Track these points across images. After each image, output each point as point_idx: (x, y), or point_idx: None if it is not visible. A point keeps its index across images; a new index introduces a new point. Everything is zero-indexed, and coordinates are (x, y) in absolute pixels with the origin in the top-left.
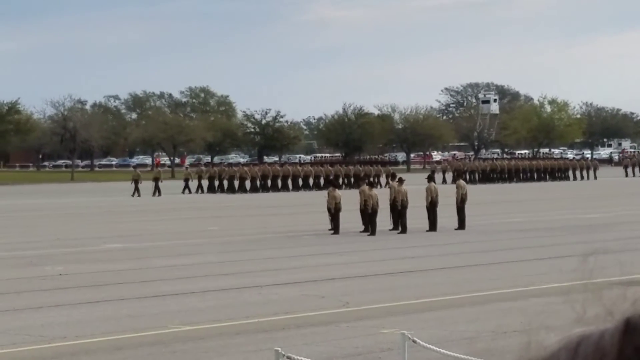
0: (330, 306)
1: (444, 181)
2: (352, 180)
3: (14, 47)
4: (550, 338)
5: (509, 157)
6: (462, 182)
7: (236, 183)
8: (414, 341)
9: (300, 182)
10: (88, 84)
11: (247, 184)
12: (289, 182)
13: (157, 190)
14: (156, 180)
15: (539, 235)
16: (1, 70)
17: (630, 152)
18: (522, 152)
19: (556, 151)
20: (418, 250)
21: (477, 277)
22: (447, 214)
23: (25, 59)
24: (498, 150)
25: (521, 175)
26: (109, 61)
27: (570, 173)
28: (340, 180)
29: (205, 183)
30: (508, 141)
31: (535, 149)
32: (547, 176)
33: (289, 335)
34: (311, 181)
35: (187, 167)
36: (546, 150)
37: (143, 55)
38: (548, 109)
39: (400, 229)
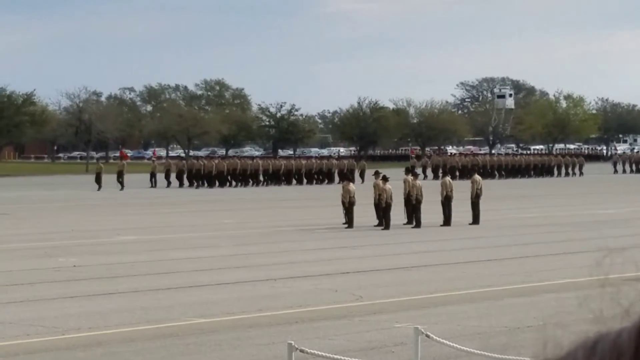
0: (343, 300)
1: (425, 176)
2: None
3: (30, 38)
4: (567, 337)
5: (495, 153)
6: (477, 176)
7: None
8: (427, 335)
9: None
10: (103, 75)
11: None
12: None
13: (120, 184)
14: (120, 174)
15: (552, 231)
16: (17, 62)
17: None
18: (537, 147)
19: (571, 146)
20: (432, 245)
21: (491, 272)
22: (461, 209)
23: (41, 51)
24: (513, 145)
25: (503, 171)
26: (124, 53)
27: (555, 170)
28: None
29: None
30: (523, 136)
31: (550, 144)
32: (532, 172)
33: (302, 328)
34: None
35: (153, 160)
36: (561, 145)
37: (158, 47)
38: (563, 104)
39: (414, 223)
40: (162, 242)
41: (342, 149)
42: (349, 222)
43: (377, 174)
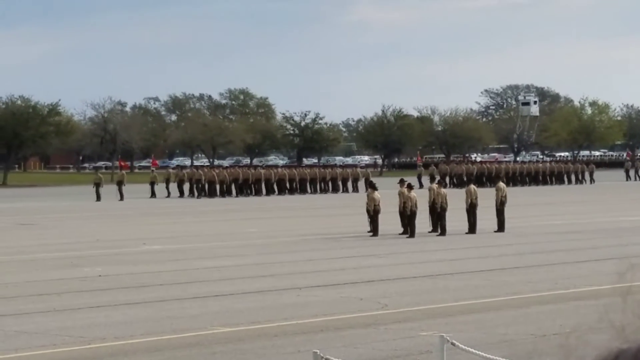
0: (369, 308)
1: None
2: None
3: (55, 48)
4: (589, 350)
5: (504, 161)
6: (501, 184)
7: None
8: (453, 344)
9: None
10: (128, 85)
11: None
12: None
13: (120, 194)
14: (119, 184)
15: (577, 238)
16: (42, 72)
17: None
18: (562, 154)
19: (597, 153)
20: (457, 253)
21: (517, 279)
22: (486, 217)
23: (66, 61)
24: (538, 152)
25: (511, 178)
26: (148, 63)
27: (565, 177)
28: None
29: (173, 187)
30: (548, 143)
31: (576, 151)
32: (540, 179)
33: (328, 337)
34: (289, 184)
35: (153, 170)
36: (586, 152)
37: (183, 57)
38: (588, 110)
39: (439, 231)
40: (187, 251)
41: (366, 157)
42: (374, 231)
43: (402, 182)
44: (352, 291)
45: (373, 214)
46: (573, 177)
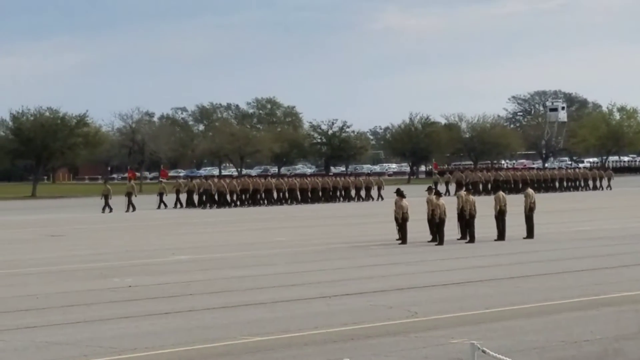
0: (398, 316)
1: (447, 192)
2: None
3: (82, 59)
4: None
5: (521, 167)
6: (530, 190)
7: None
8: (484, 351)
9: (281, 194)
10: (155, 96)
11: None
12: (288, 194)
13: (130, 205)
14: (129, 195)
15: (606, 244)
16: (70, 83)
17: None
18: (591, 160)
19: (626, 159)
20: (486, 260)
21: (546, 286)
22: (513, 223)
23: (94, 72)
24: (566, 159)
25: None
26: (176, 73)
27: (582, 183)
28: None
29: (183, 197)
30: (576, 149)
31: (604, 157)
32: (557, 186)
33: (358, 345)
34: (299, 194)
35: (161, 181)
36: (615, 157)
37: (210, 66)
38: (617, 116)
39: (468, 238)
40: (216, 260)
41: (394, 165)
42: (403, 238)
43: (430, 189)
44: (381, 299)
45: (402, 222)
46: (590, 184)
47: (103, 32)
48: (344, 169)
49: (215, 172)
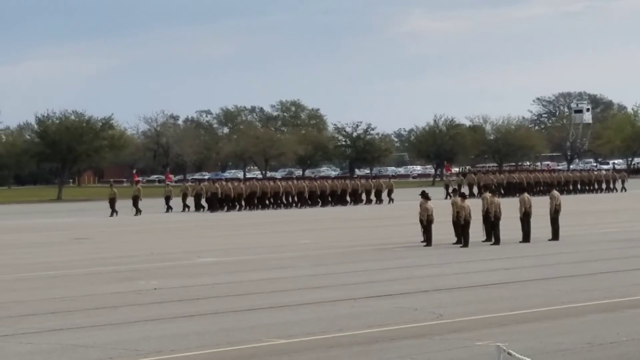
0: (423, 318)
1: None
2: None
3: (108, 63)
4: None
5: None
6: (555, 192)
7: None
8: (509, 353)
9: (287, 198)
10: (180, 99)
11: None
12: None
13: (136, 209)
14: (135, 199)
15: (632, 246)
16: (95, 87)
17: None
18: (616, 161)
19: None
20: (511, 262)
21: (572, 288)
22: (538, 225)
23: (119, 75)
24: (591, 160)
25: (541, 187)
26: (200, 76)
27: (596, 185)
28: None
29: (191, 200)
30: (601, 151)
31: (630, 158)
32: (570, 188)
33: (383, 348)
34: (307, 197)
35: (167, 185)
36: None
37: (234, 69)
38: None
39: (493, 240)
40: (241, 263)
41: (418, 167)
42: (428, 240)
43: (454, 191)
44: (406, 301)
45: (426, 224)
46: (604, 185)
47: (128, 36)
48: (368, 171)
49: (240, 174)
